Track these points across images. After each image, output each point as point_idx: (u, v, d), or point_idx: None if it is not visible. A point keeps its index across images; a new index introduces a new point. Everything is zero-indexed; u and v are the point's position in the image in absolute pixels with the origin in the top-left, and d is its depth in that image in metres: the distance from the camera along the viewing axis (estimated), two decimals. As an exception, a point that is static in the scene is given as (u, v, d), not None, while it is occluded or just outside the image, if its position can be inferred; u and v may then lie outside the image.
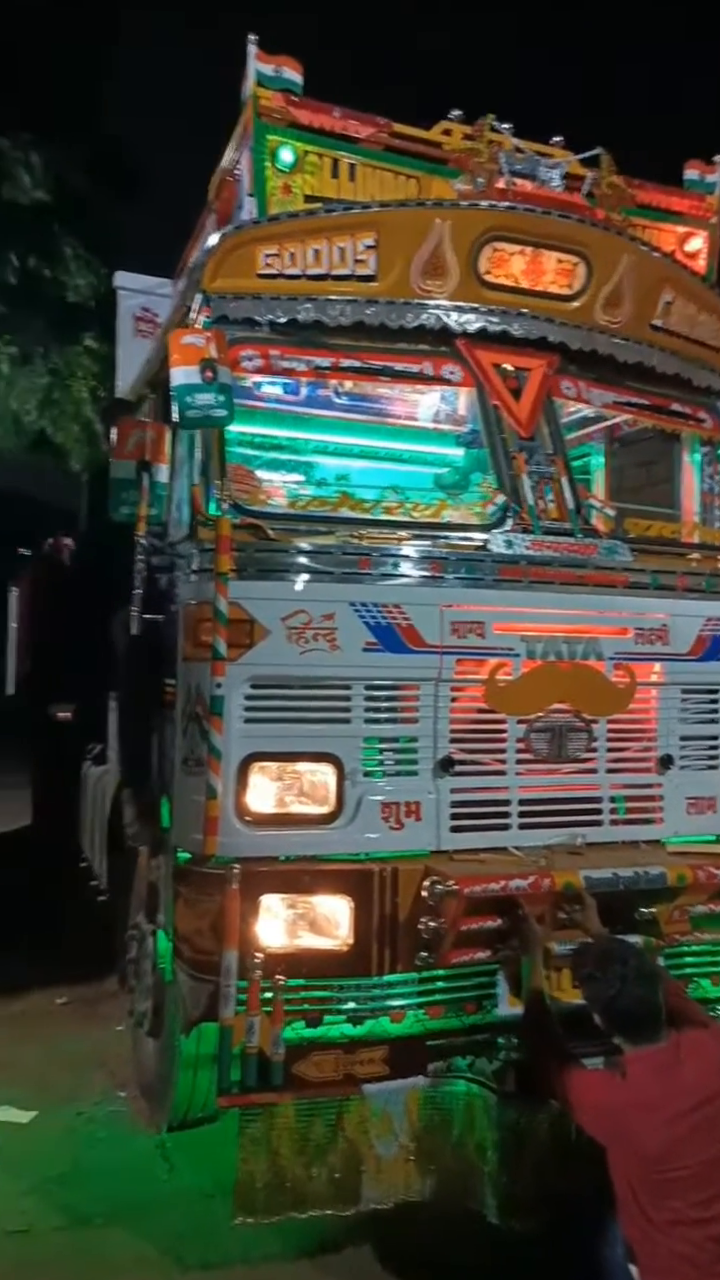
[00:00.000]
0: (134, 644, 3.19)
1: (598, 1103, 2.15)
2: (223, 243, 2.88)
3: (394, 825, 2.64)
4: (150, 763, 3.18)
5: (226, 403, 2.62)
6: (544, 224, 3.06)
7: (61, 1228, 2.81)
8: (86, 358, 9.80)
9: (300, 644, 2.60)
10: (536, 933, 2.45)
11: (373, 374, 3.15)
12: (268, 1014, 2.36)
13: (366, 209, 3.01)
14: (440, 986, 2.55)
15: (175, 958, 2.68)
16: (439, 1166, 2.51)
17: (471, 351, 3.07)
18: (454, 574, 2.78)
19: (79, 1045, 4.07)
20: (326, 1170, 2.44)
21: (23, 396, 9.90)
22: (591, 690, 2.84)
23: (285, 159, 3.05)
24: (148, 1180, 3.06)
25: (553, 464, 3.04)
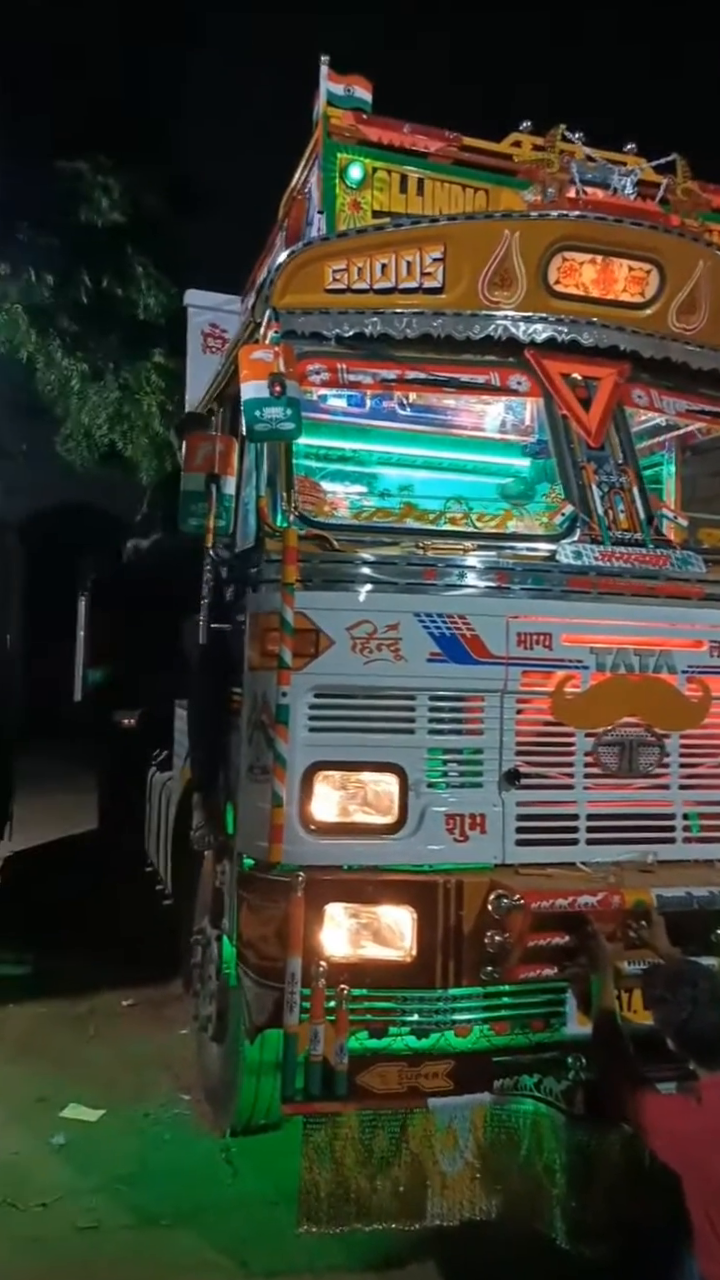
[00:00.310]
0: (202, 653, 3.26)
1: (672, 1129, 2.09)
2: (291, 260, 2.93)
3: (458, 837, 2.62)
4: (217, 769, 3.24)
5: (295, 416, 2.66)
6: (615, 232, 3.02)
7: (129, 1226, 2.86)
8: (155, 373, 10.07)
9: (365, 654, 2.61)
10: (606, 950, 2.40)
11: (439, 385, 3.16)
12: (332, 1023, 2.36)
13: (434, 222, 3.03)
14: (506, 1002, 2.52)
15: (239, 963, 2.71)
16: (506, 1186, 2.47)
17: (539, 361, 3.05)
18: (520, 585, 2.76)
19: (145, 1047, 4.15)
20: (391, 1183, 2.43)
21: (94, 411, 10.24)
22: (663, 704, 2.77)
23: (354, 176, 3.09)
24: (212, 1183, 3.10)
25: (623, 474, 2.99)
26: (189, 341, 5.34)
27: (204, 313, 5.23)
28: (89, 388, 10.14)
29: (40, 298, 9.60)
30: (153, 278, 9.87)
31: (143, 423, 10.22)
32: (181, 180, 10.87)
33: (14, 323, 9.48)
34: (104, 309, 9.91)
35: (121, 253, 9.86)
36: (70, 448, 10.55)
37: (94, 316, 9.92)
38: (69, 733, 8.91)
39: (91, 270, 9.71)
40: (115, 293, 9.90)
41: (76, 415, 10.27)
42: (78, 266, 9.69)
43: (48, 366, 9.94)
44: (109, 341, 10.11)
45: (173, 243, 10.53)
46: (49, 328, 9.80)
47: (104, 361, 10.14)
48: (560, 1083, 2.46)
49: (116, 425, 10.29)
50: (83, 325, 9.94)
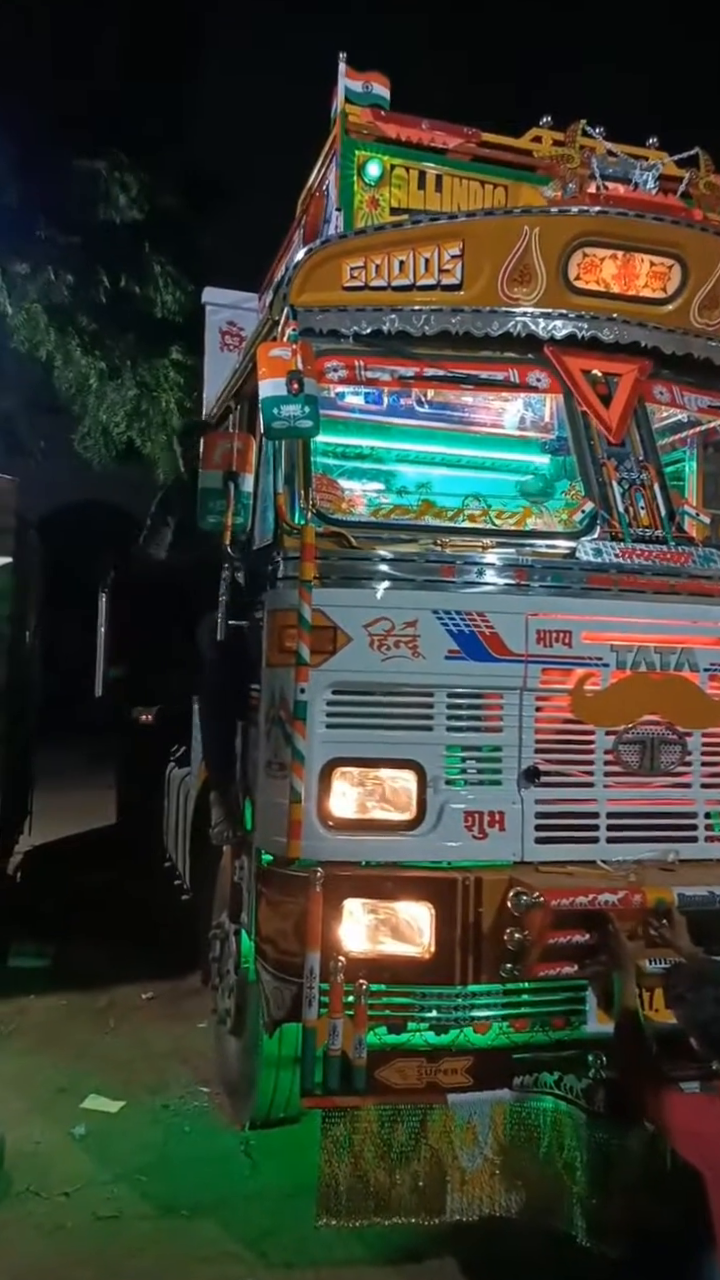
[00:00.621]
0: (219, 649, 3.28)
1: (694, 1128, 2.09)
2: (309, 257, 2.93)
3: (477, 834, 2.62)
4: (233, 766, 3.26)
5: (312, 414, 2.67)
6: (636, 227, 3.00)
7: (149, 1216, 2.89)
8: (173, 370, 10.11)
9: (382, 651, 2.62)
10: (628, 949, 2.40)
11: (458, 382, 3.15)
12: (350, 1018, 2.38)
13: (453, 219, 3.02)
14: (526, 999, 2.52)
15: (258, 958, 2.73)
16: (525, 1183, 2.48)
17: (559, 358, 3.03)
18: (540, 582, 2.75)
19: (164, 1040, 4.19)
20: (410, 1178, 2.44)
21: (112, 409, 10.29)
22: (685, 702, 2.76)
23: (372, 173, 3.10)
24: (232, 1175, 3.12)
25: (644, 470, 2.97)
26: (207, 339, 5.36)
27: (222, 310, 5.25)
28: (106, 385, 10.19)
29: (59, 296, 9.66)
30: (170, 276, 9.90)
31: (160, 420, 10.25)
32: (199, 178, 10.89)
33: (33, 321, 9.54)
34: (122, 307, 9.95)
35: (139, 251, 9.90)
36: (88, 445, 10.61)
37: (112, 315, 9.96)
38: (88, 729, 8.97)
39: (109, 269, 9.75)
40: (133, 291, 9.93)
41: (94, 413, 10.32)
42: (96, 265, 9.74)
43: (66, 364, 10.00)
44: (126, 339, 10.16)
45: (190, 241, 10.55)
46: (68, 326, 9.86)
47: (122, 359, 10.18)
48: (581, 1080, 2.46)
49: (134, 423, 10.33)
50: (101, 323, 9.99)
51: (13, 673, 5.53)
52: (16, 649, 5.74)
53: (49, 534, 7.85)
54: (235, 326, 5.18)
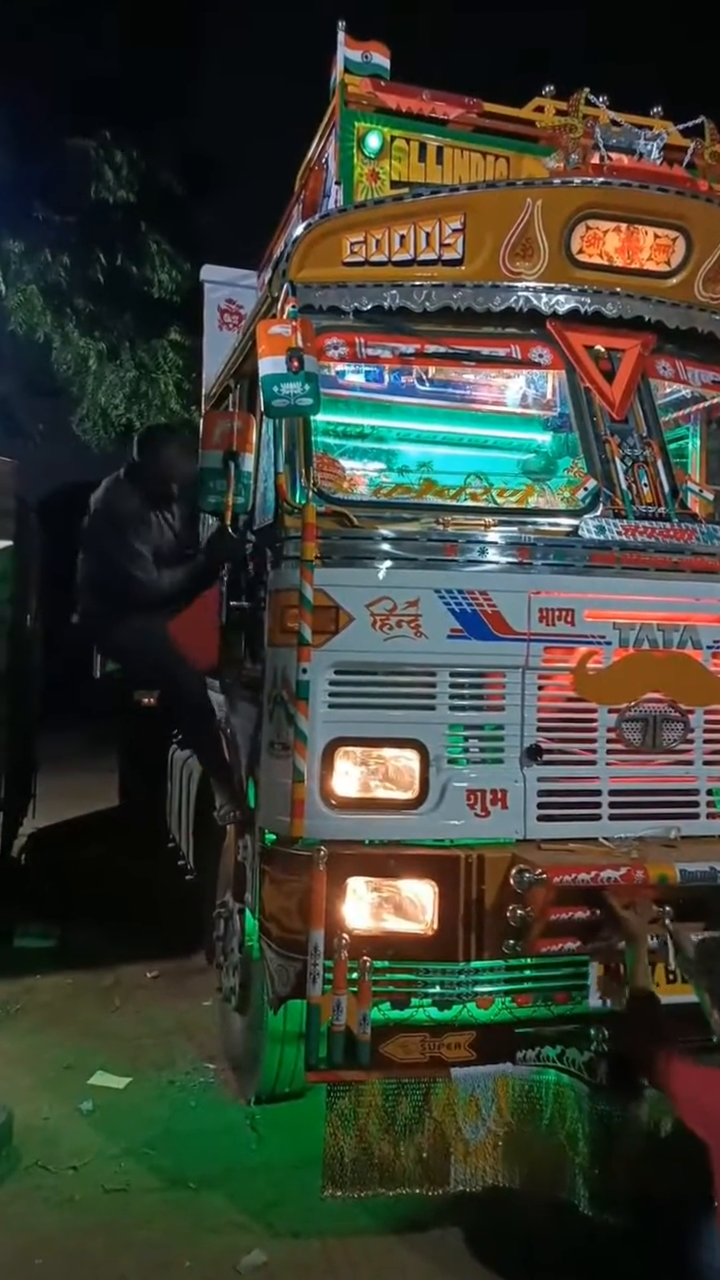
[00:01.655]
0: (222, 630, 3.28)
1: (703, 1100, 2.10)
2: (308, 232, 2.89)
3: (479, 812, 2.63)
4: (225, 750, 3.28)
5: (313, 392, 2.64)
6: (640, 198, 2.95)
7: (156, 1189, 2.93)
8: (172, 351, 10.03)
9: (384, 630, 2.62)
10: (635, 923, 2.41)
11: (459, 359, 3.12)
12: (354, 994, 2.39)
13: (454, 192, 2.98)
14: (529, 975, 2.54)
15: (262, 936, 2.75)
16: (528, 1154, 2.51)
17: (562, 333, 3.00)
18: (542, 560, 2.74)
19: (169, 1017, 4.23)
20: (414, 1150, 2.47)
21: (110, 390, 10.22)
22: (688, 679, 2.75)
23: (372, 145, 3.05)
24: (238, 1148, 3.16)
25: (647, 447, 2.95)
26: (205, 318, 5.31)
27: (220, 288, 5.20)
28: (105, 367, 10.11)
29: (55, 277, 9.56)
30: (168, 255, 9.80)
31: (160, 401, 10.18)
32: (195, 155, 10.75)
33: (30, 303, 9.45)
34: (119, 287, 9.85)
35: (135, 230, 9.79)
36: (87, 428, 10.54)
37: (109, 295, 9.87)
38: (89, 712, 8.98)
39: (106, 248, 9.65)
40: (130, 270, 9.84)
41: (93, 395, 10.25)
42: (92, 245, 9.63)
43: (64, 346, 9.92)
44: (124, 320, 10.07)
45: (188, 219, 10.43)
46: (65, 307, 9.77)
47: (120, 340, 10.10)
48: (583, 1054, 2.49)
49: (133, 404, 10.26)
50: (98, 304, 9.90)
51: (14, 656, 5.53)
52: (17, 632, 5.73)
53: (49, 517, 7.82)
54: (234, 305, 5.14)
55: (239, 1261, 2.58)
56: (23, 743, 6.45)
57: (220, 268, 5.36)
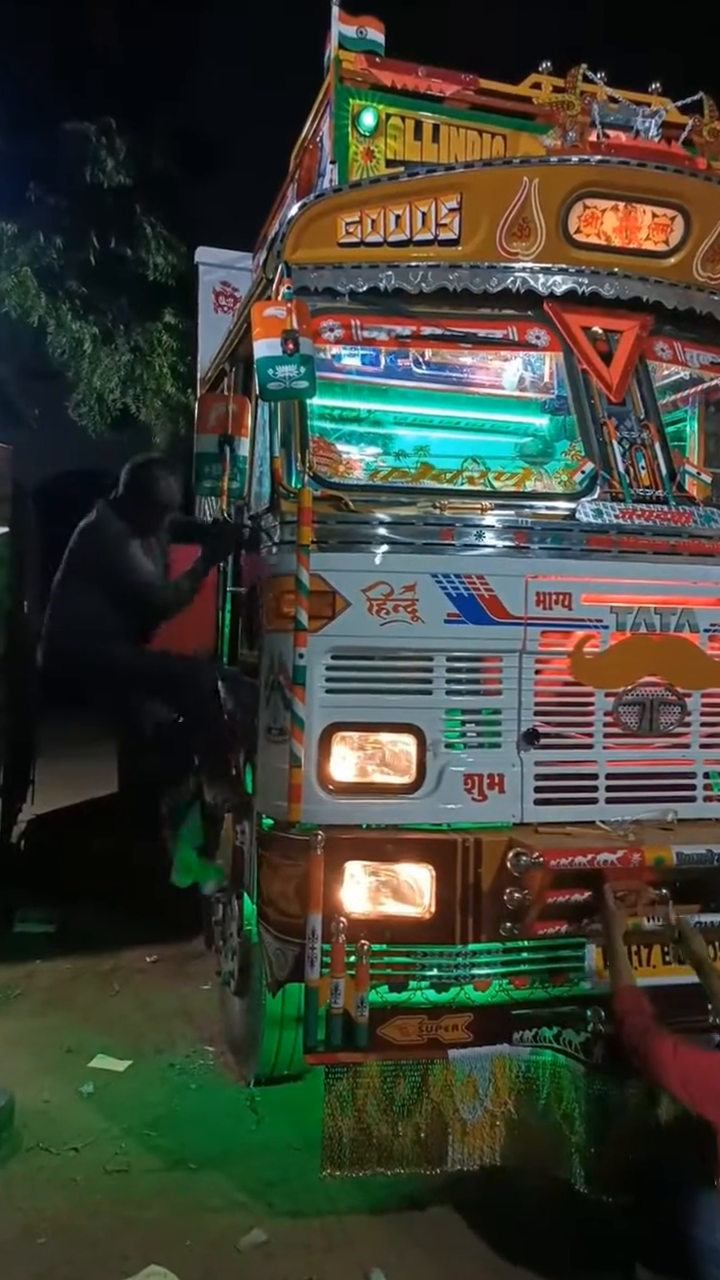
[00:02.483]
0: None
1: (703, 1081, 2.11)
2: (303, 212, 2.86)
3: (476, 796, 2.63)
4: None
5: (309, 374, 2.62)
6: (638, 176, 2.92)
7: (157, 1169, 2.96)
8: (167, 334, 9.95)
9: (381, 615, 2.61)
10: (614, 912, 2.41)
11: (456, 341, 3.09)
12: (352, 977, 2.41)
13: (450, 170, 2.94)
14: (525, 957, 2.55)
15: (260, 920, 2.76)
16: (525, 1134, 2.53)
17: (559, 315, 2.98)
18: (539, 544, 2.73)
19: (168, 1001, 4.25)
20: (412, 1130, 2.50)
21: (106, 374, 10.14)
22: (684, 663, 2.75)
23: (367, 123, 3.01)
24: (237, 1130, 3.19)
25: (645, 429, 2.93)
26: (200, 301, 5.27)
27: (215, 271, 5.15)
28: (100, 351, 10.03)
29: (49, 260, 9.47)
30: (162, 237, 9.69)
31: (155, 385, 10.11)
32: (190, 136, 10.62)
33: (24, 286, 9.36)
34: (113, 270, 9.76)
35: (129, 212, 9.68)
36: (83, 412, 10.47)
37: (103, 278, 9.78)
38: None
39: (100, 231, 9.54)
40: (124, 253, 9.74)
41: (88, 379, 10.17)
42: (86, 228, 9.53)
43: (59, 330, 9.83)
44: (119, 303, 9.98)
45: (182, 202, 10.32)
46: (58, 290, 9.68)
47: (114, 324, 10.01)
48: (579, 1035, 2.50)
49: (129, 388, 10.19)
50: (92, 287, 9.80)
51: (12, 642, 5.51)
52: (15, 618, 5.72)
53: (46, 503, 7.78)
54: (229, 287, 5.09)
55: (239, 1240, 2.61)
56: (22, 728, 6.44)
57: (215, 250, 5.31)
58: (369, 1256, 2.55)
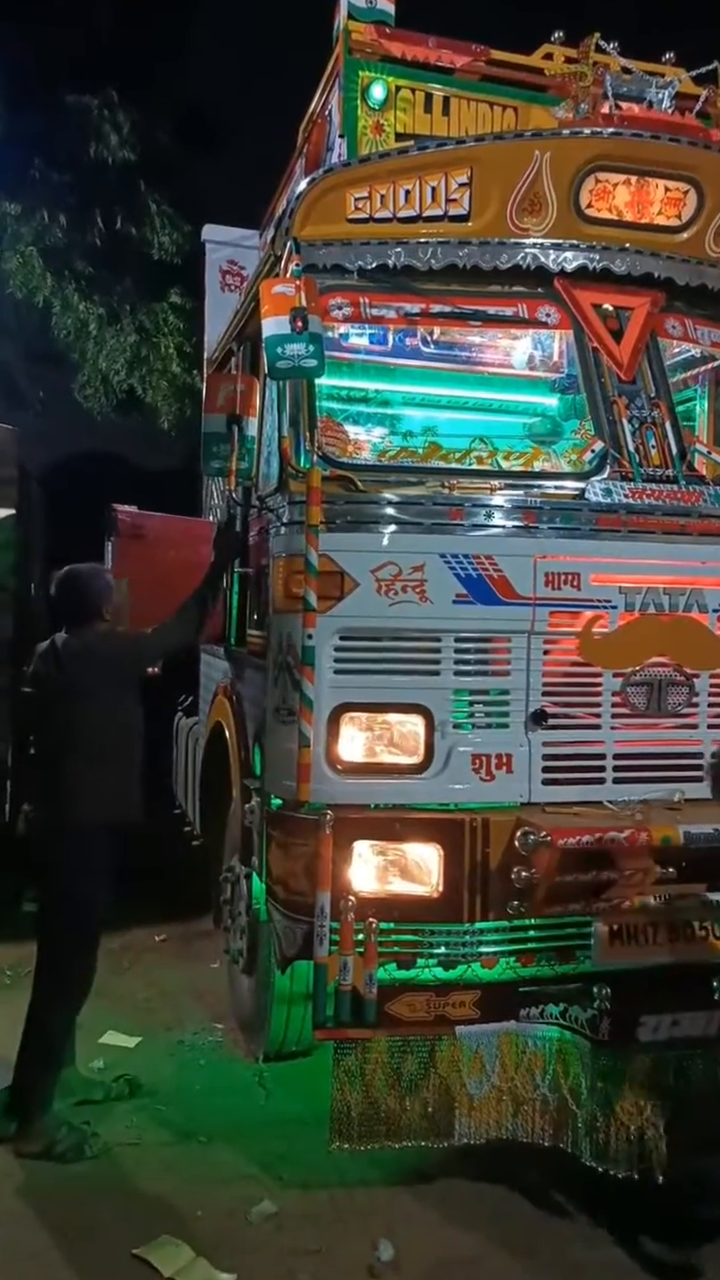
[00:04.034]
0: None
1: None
2: (312, 188, 2.83)
3: (484, 777, 2.64)
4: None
5: (317, 353, 2.60)
6: (651, 149, 2.87)
7: (168, 1143, 3.01)
8: (173, 314, 9.84)
9: (390, 596, 2.61)
10: None
11: (465, 319, 3.07)
12: (360, 954, 2.42)
13: (460, 144, 2.90)
14: (532, 935, 2.56)
15: (269, 899, 2.78)
16: (531, 1108, 2.56)
17: (570, 291, 2.94)
18: (549, 524, 2.71)
19: (178, 979, 4.30)
20: (419, 1104, 2.52)
21: (111, 356, 10.04)
22: (693, 643, 2.74)
23: (377, 96, 2.97)
24: (246, 1105, 3.23)
25: (655, 408, 2.90)
26: (207, 279, 5.22)
27: (222, 249, 5.10)
28: (105, 332, 9.93)
29: (54, 239, 9.36)
30: (168, 216, 9.57)
31: (161, 366, 10.01)
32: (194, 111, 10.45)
33: (29, 265, 9.26)
34: (118, 249, 9.65)
35: (134, 190, 9.55)
36: (88, 394, 10.40)
37: (108, 258, 9.67)
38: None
39: (105, 209, 9.42)
40: (130, 232, 9.62)
41: (94, 360, 10.08)
42: (91, 206, 9.40)
43: (64, 310, 9.74)
44: (124, 283, 9.87)
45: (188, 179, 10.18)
46: (64, 270, 9.58)
47: (120, 304, 9.90)
48: (586, 1011, 2.52)
49: (135, 370, 10.09)
50: (97, 267, 9.70)
51: (18, 625, 5.52)
52: (21, 601, 5.72)
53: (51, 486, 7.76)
54: (236, 265, 5.05)
55: (249, 1211, 2.65)
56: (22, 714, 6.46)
57: (222, 227, 5.25)
58: (377, 1227, 2.59)
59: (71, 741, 3.00)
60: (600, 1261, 2.49)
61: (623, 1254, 2.51)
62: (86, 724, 2.99)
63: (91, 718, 2.98)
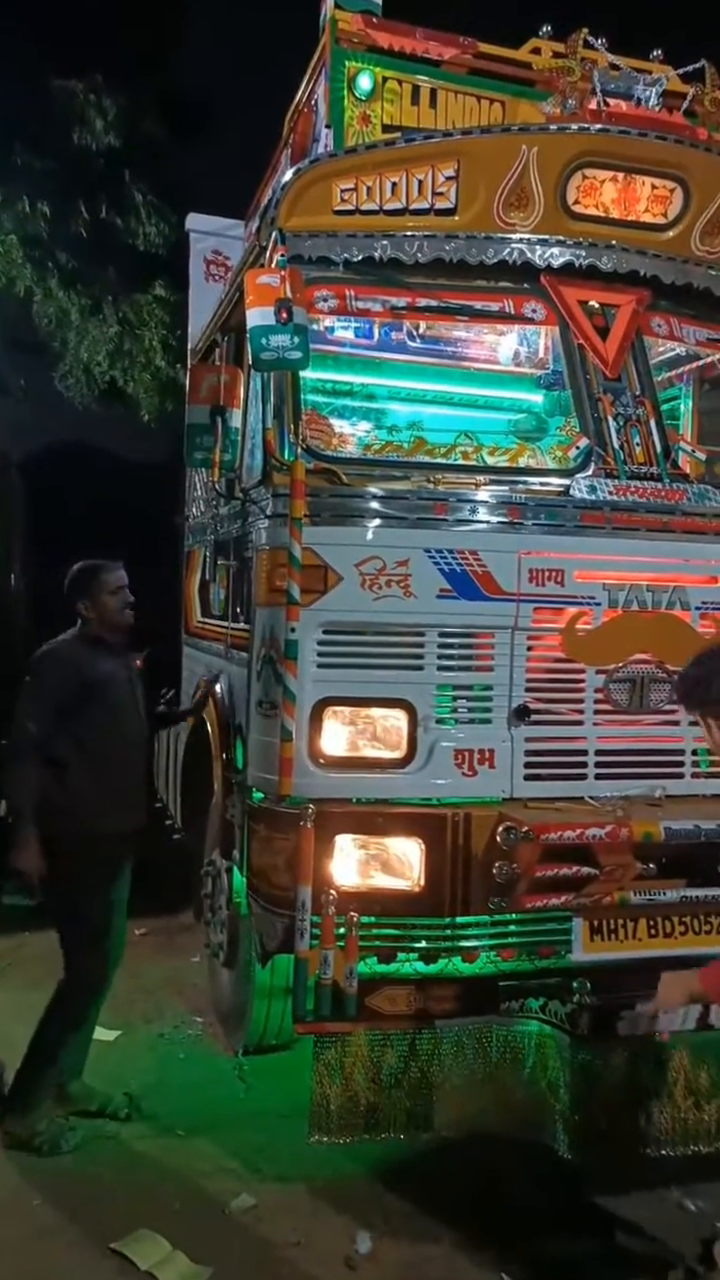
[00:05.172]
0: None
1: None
2: (298, 178, 2.81)
3: (467, 772, 2.65)
4: None
5: (302, 344, 2.59)
6: (638, 146, 2.88)
7: (147, 1135, 3.00)
8: (157, 306, 9.75)
9: (373, 590, 2.60)
10: None
11: (450, 313, 3.06)
12: (341, 948, 2.43)
13: (447, 137, 2.88)
14: (513, 930, 2.58)
15: (250, 893, 2.77)
16: (511, 1100, 2.58)
17: (556, 288, 2.95)
18: (533, 520, 2.72)
19: (158, 973, 4.28)
20: (399, 1097, 2.54)
21: (93, 346, 9.95)
22: (676, 641, 2.76)
23: (363, 86, 2.95)
24: (226, 1098, 3.23)
25: (640, 405, 2.91)
26: (191, 269, 5.17)
27: (206, 239, 5.05)
28: (88, 322, 9.83)
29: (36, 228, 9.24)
30: (152, 205, 9.47)
31: (144, 359, 9.92)
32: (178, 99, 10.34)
33: (9, 254, 9.14)
34: (101, 239, 9.54)
35: (119, 179, 9.44)
36: (69, 384, 10.29)
37: (91, 247, 9.56)
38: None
39: (88, 198, 9.31)
40: (114, 222, 9.52)
41: (75, 350, 9.98)
42: (74, 194, 9.29)
43: (45, 299, 9.63)
44: (107, 273, 9.77)
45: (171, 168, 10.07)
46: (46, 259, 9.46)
47: (102, 294, 9.80)
48: (565, 1005, 2.54)
49: (117, 361, 10.00)
50: (80, 256, 9.58)
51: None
52: (1, 590, 5.66)
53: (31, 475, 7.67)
54: (220, 256, 5.00)
55: (228, 1204, 2.65)
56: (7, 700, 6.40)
57: (206, 217, 5.20)
58: (355, 1220, 2.59)
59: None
60: (576, 1253, 2.51)
61: (600, 1245, 2.53)
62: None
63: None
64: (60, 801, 2.89)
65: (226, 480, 3.27)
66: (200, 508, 4.42)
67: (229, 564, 3.40)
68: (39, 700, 2.93)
